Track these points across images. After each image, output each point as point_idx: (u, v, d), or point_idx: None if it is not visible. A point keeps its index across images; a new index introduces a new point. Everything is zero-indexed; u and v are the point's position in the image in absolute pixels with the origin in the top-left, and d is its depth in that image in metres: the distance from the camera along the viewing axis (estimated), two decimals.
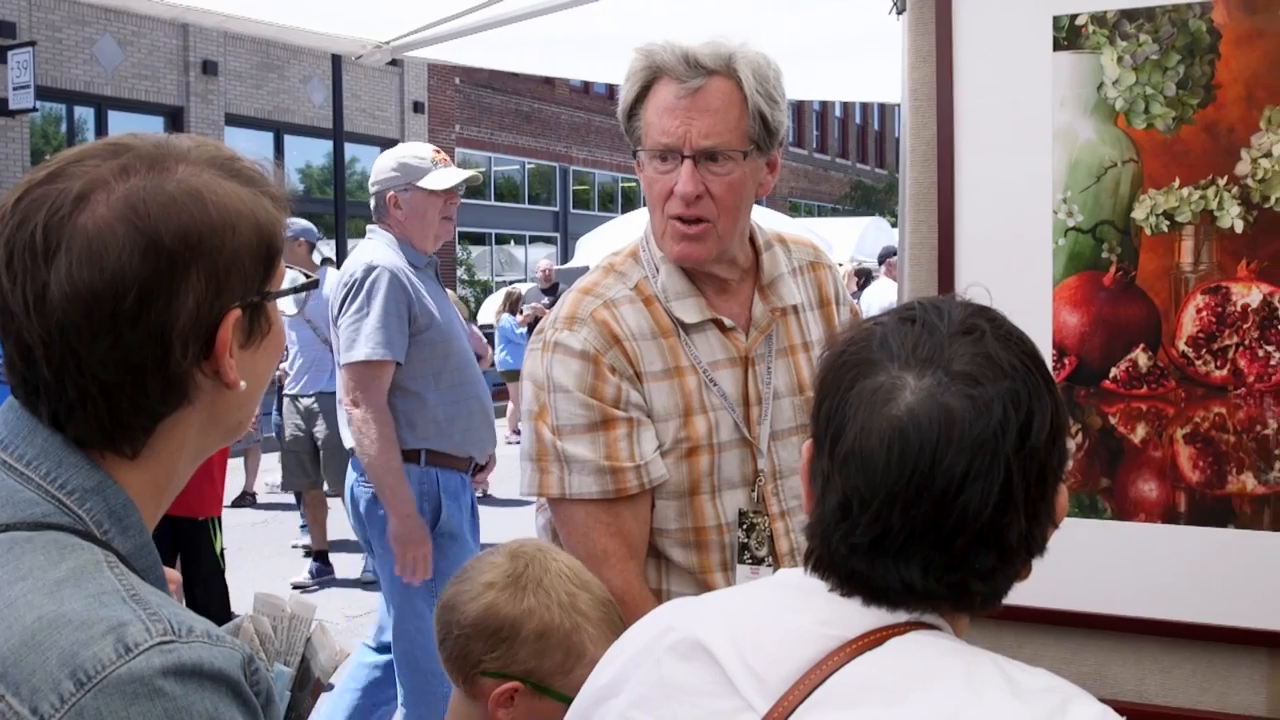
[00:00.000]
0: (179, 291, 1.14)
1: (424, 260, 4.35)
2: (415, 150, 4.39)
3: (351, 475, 4.30)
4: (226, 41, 19.43)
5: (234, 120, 20.07)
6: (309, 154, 22.31)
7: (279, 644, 1.71)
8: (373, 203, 4.41)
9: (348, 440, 4.21)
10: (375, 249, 4.27)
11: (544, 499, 2.24)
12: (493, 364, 13.69)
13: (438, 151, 4.41)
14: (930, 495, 1.16)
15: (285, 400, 8.16)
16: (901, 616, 1.21)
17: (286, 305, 4.29)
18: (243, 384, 1.22)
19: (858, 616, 1.21)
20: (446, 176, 4.31)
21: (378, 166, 4.40)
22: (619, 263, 2.28)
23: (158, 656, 1.02)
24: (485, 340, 10.35)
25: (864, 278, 13.85)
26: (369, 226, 4.47)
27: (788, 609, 1.25)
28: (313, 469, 8.02)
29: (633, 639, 1.38)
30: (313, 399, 7.89)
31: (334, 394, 7.68)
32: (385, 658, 4.37)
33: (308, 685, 1.73)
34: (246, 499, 10.81)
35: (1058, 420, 1.21)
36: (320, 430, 7.84)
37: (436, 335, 4.19)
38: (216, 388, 1.21)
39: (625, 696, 1.31)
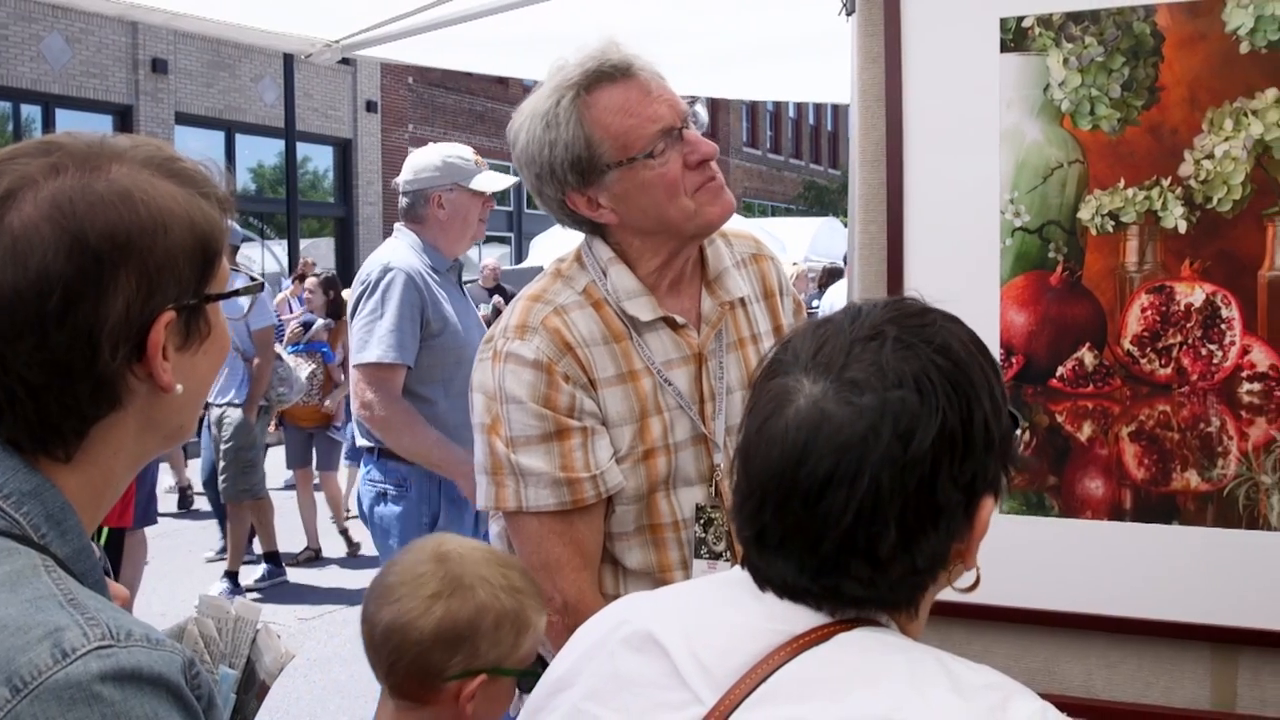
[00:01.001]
0: (107, 292, 1.13)
1: (447, 264, 4.30)
2: (458, 150, 4.33)
3: (359, 474, 4.31)
4: (177, 39, 19.23)
5: (184, 119, 19.87)
6: (260, 153, 22.14)
7: (224, 646, 1.70)
8: (406, 201, 4.33)
9: (360, 440, 4.23)
10: (396, 250, 4.24)
11: (493, 510, 2.22)
12: None
13: (476, 152, 4.38)
14: (796, 497, 1.19)
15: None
16: (848, 612, 1.22)
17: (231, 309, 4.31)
18: (179, 387, 1.20)
19: (805, 613, 1.22)
20: (495, 179, 4.28)
21: (415, 165, 4.32)
22: (565, 268, 2.26)
23: (95, 661, 1.01)
24: None
25: (833, 276, 13.87)
26: (396, 225, 4.41)
27: (737, 604, 1.26)
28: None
29: (588, 632, 1.40)
30: (222, 409, 7.84)
31: (240, 405, 7.69)
32: None
33: (253, 687, 1.72)
34: (184, 494, 10.75)
35: (965, 433, 1.19)
36: (225, 439, 7.82)
37: (450, 341, 4.14)
38: (152, 391, 1.19)
39: (579, 688, 1.32)
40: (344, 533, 9.33)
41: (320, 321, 9.53)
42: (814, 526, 1.19)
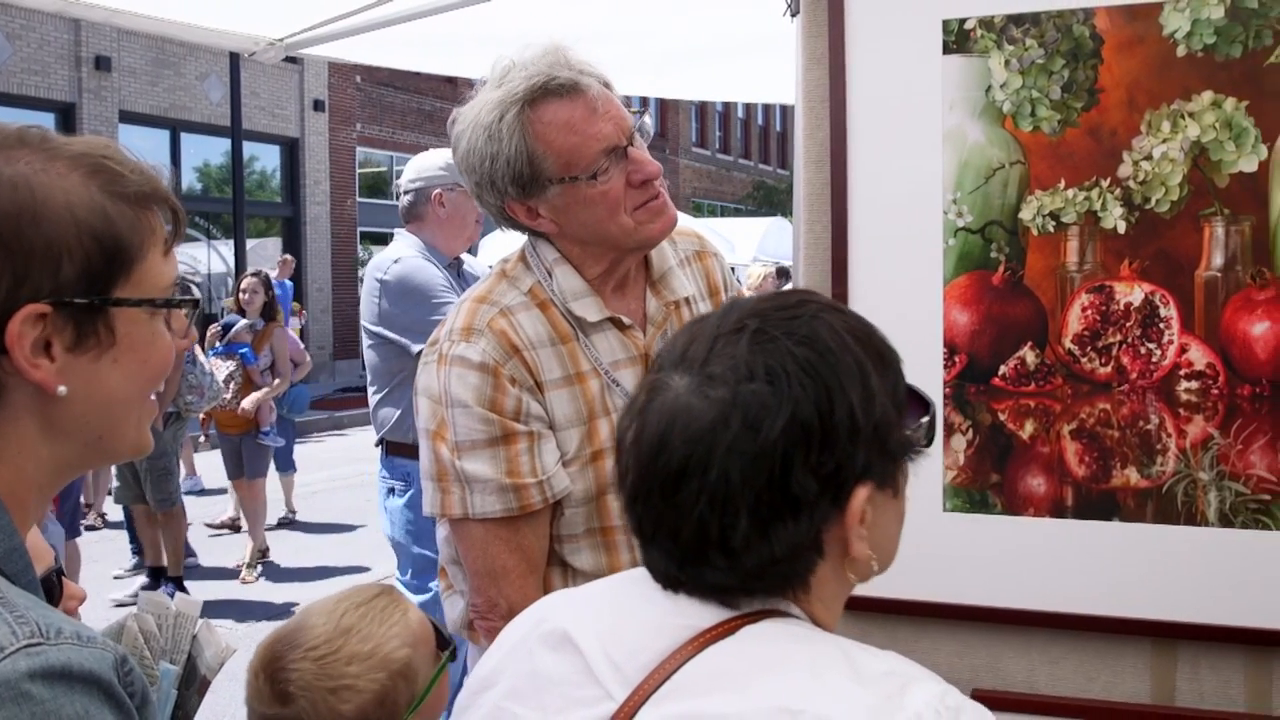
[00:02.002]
0: None
1: (446, 261, 4.38)
2: None
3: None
4: (120, 37, 18.99)
5: (128, 117, 19.63)
6: (206, 152, 21.92)
7: (164, 642, 1.68)
8: (407, 200, 4.42)
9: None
10: (398, 249, 4.36)
11: (439, 516, 2.21)
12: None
13: None
14: (656, 488, 1.23)
15: None
16: (754, 605, 1.24)
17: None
18: (61, 389, 1.17)
19: (714, 608, 1.24)
20: None
21: (419, 166, 4.41)
22: (510, 269, 2.24)
23: (24, 659, 1.00)
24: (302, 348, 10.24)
25: (783, 276, 13.92)
26: (396, 230, 4.51)
27: (648, 600, 1.28)
28: (135, 484, 7.91)
29: (512, 630, 1.41)
30: None
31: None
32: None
33: (194, 683, 1.70)
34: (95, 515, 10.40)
35: (824, 423, 1.20)
36: None
37: None
38: (39, 392, 1.17)
39: (500, 687, 1.33)
40: (263, 552, 9.09)
41: (243, 322, 9.23)
42: (673, 517, 1.22)
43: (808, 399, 1.19)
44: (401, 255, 4.29)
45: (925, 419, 1.33)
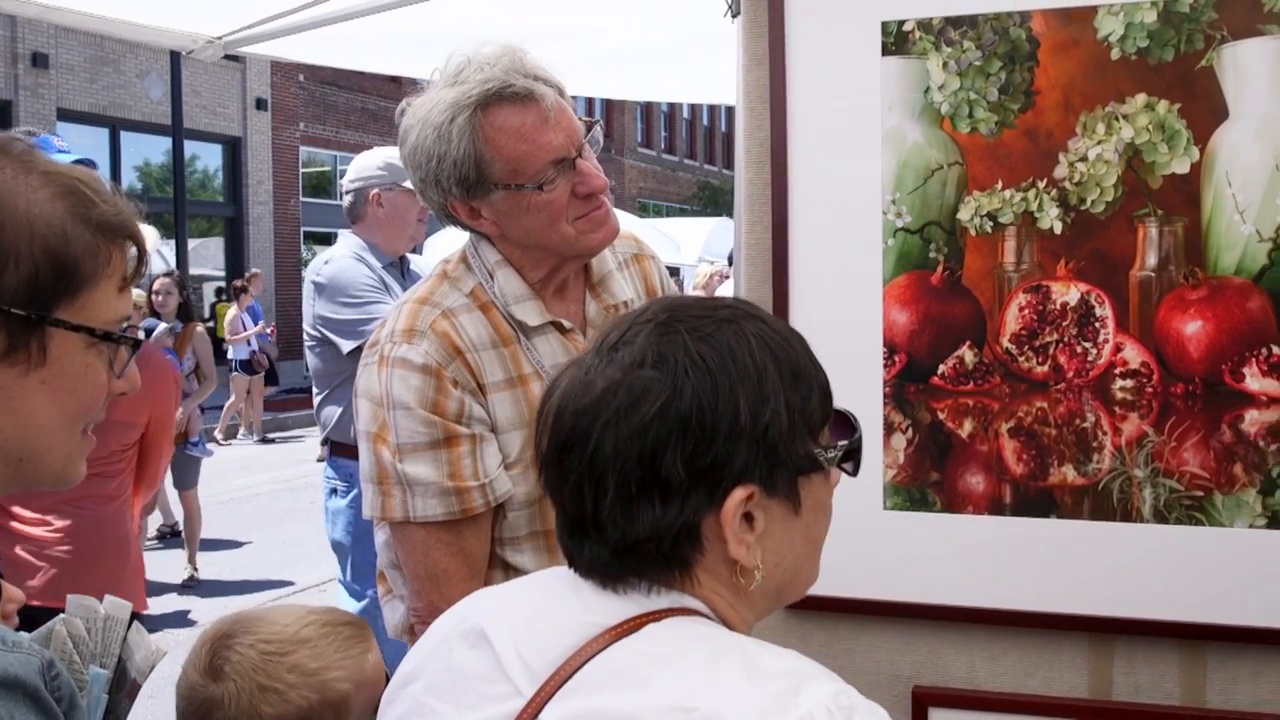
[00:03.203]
0: None
1: (388, 260, 4.37)
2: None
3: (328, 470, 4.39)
4: (58, 33, 18.73)
5: (66, 115, 19.37)
6: (147, 151, 21.67)
7: (94, 646, 1.66)
8: (348, 200, 4.43)
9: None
10: (333, 250, 4.39)
11: (379, 520, 2.19)
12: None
13: None
14: (551, 459, 1.31)
15: None
16: (657, 604, 1.27)
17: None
18: None
19: (618, 604, 1.27)
20: None
21: (359, 165, 4.43)
22: (452, 270, 2.23)
23: None
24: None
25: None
26: (340, 231, 4.55)
27: (559, 598, 1.31)
28: None
29: (436, 627, 1.44)
30: None
31: None
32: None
33: (124, 686, 1.68)
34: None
35: (704, 416, 1.23)
36: None
37: None
38: None
39: (421, 682, 1.36)
40: (192, 567, 8.81)
41: (163, 326, 8.90)
42: (560, 486, 1.30)
43: (689, 390, 1.24)
44: (333, 256, 4.31)
45: (845, 443, 1.38)
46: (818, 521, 1.38)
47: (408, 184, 4.16)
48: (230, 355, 16.55)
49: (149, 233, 4.66)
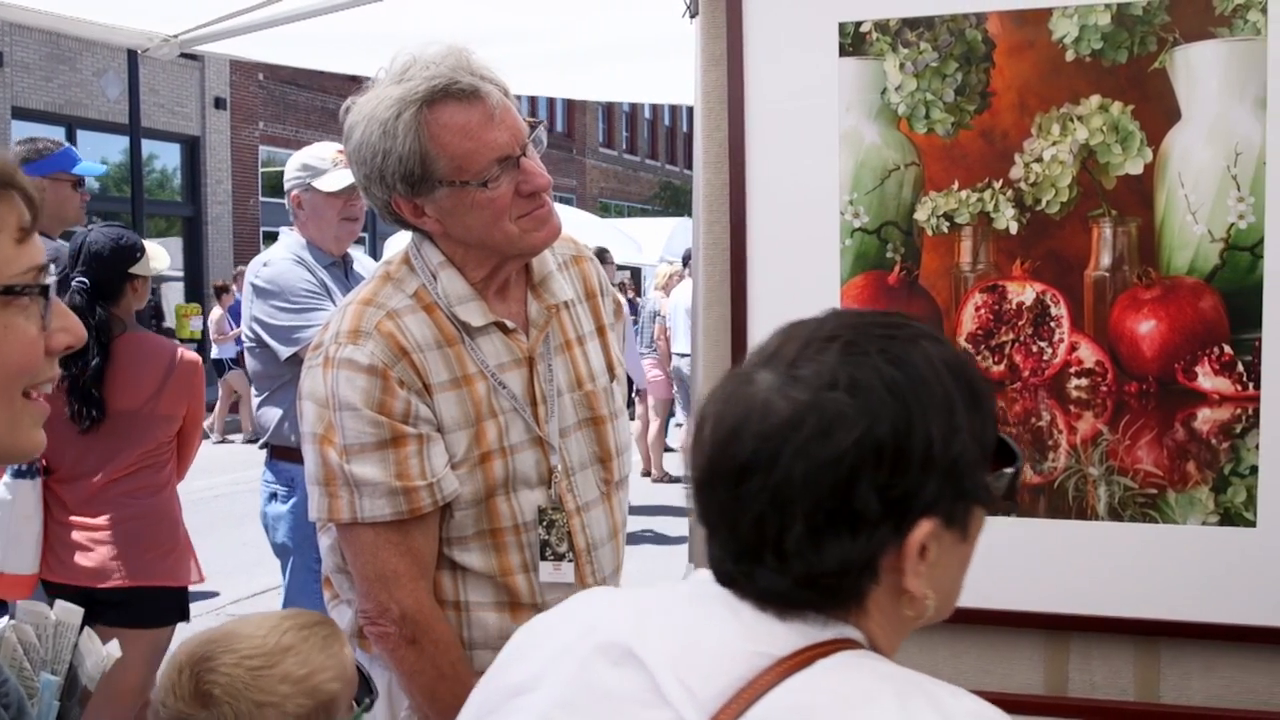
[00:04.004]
0: None
1: (327, 260, 4.30)
2: (319, 151, 4.31)
3: (267, 474, 4.31)
4: (12, 30, 18.51)
5: (22, 114, 19.13)
6: (104, 150, 21.43)
7: (45, 652, 1.64)
8: (286, 203, 4.38)
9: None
10: (274, 250, 4.30)
11: (326, 522, 2.17)
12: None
13: (341, 151, 4.29)
14: (721, 479, 1.22)
15: None
16: (823, 634, 1.21)
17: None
18: None
19: (783, 633, 1.21)
20: (334, 179, 4.21)
21: (288, 166, 4.38)
22: (395, 271, 2.22)
23: None
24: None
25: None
26: (282, 229, 4.47)
27: (715, 620, 1.25)
28: None
29: (549, 635, 1.37)
30: None
31: None
32: None
33: (75, 693, 1.66)
34: None
35: (899, 446, 1.18)
36: None
37: None
38: None
39: (546, 695, 1.28)
40: None
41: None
42: (734, 510, 1.21)
43: (886, 418, 1.18)
44: (272, 258, 4.22)
45: (1011, 471, 1.31)
46: (973, 548, 1.32)
47: (319, 185, 4.15)
48: (216, 355, 16.36)
49: (159, 254, 4.57)
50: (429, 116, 2.06)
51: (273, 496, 4.26)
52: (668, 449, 12.98)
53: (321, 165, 4.23)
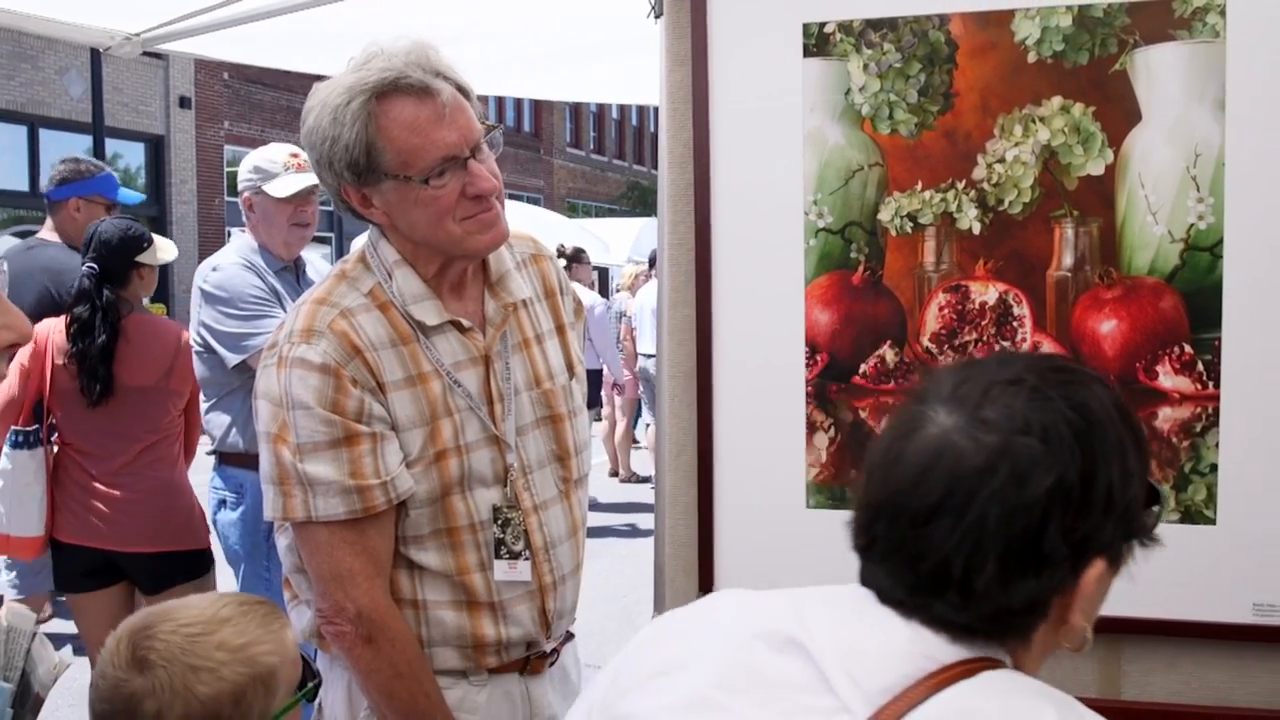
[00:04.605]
0: None
1: (277, 265, 4.24)
2: (270, 153, 4.23)
3: (216, 480, 4.27)
4: None
5: None
6: (67, 149, 21.13)
7: None
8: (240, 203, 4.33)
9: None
10: (223, 254, 4.25)
11: (281, 521, 2.16)
12: None
13: (294, 155, 4.21)
14: (907, 517, 1.26)
15: None
16: (983, 653, 1.26)
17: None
18: None
19: (948, 645, 1.26)
20: (285, 184, 4.16)
21: (241, 166, 4.31)
22: (350, 269, 2.21)
23: None
24: None
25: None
26: (234, 230, 4.41)
27: (880, 623, 1.29)
28: None
29: (692, 622, 1.41)
30: None
31: None
32: None
33: (28, 700, 1.64)
34: None
35: (1084, 491, 1.23)
36: None
37: None
38: None
39: (698, 674, 1.32)
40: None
41: None
42: (918, 547, 1.25)
43: (1075, 465, 1.23)
44: (221, 263, 4.14)
45: (1158, 510, 1.38)
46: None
47: (270, 189, 4.11)
48: None
49: (167, 246, 4.61)
50: (377, 108, 2.06)
51: (222, 503, 4.22)
52: (636, 446, 13.00)
53: (273, 169, 4.17)
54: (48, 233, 5.18)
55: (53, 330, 4.23)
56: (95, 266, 4.24)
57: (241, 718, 1.77)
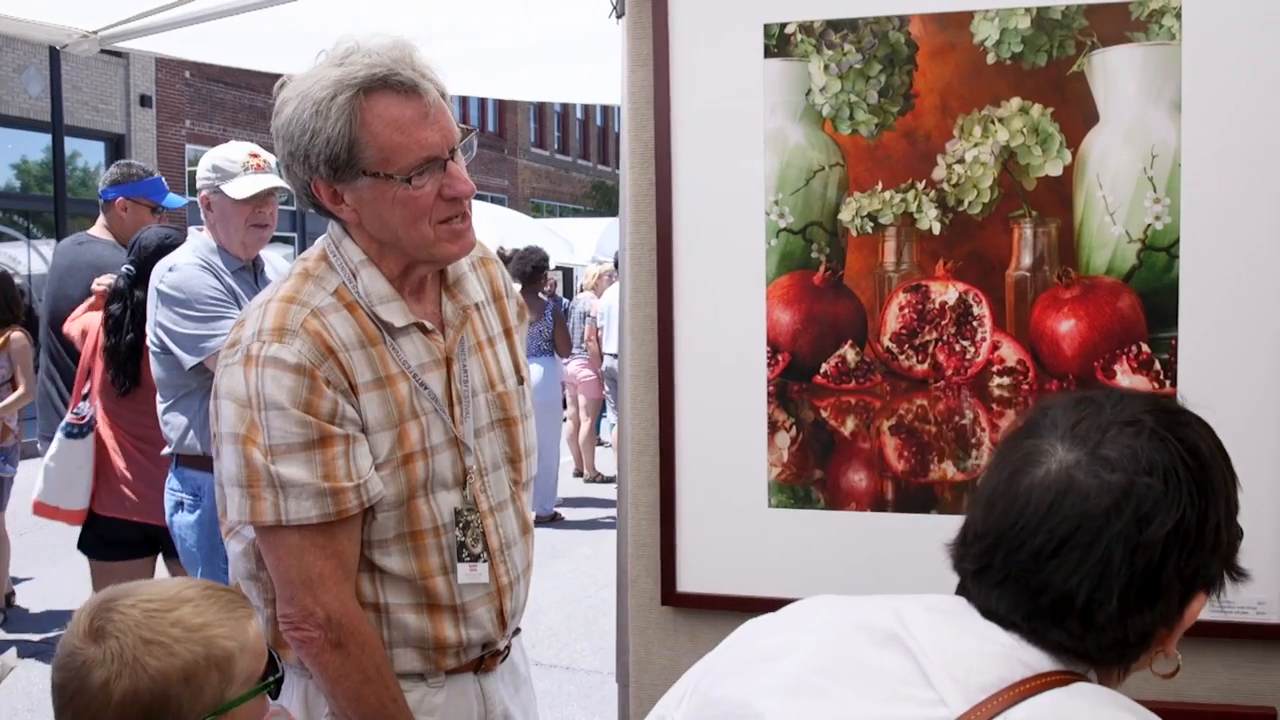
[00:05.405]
0: None
1: (235, 265, 4.20)
2: (229, 153, 4.20)
3: (173, 482, 4.24)
4: None
5: None
6: (25, 148, 21.01)
7: None
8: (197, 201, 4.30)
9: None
10: (180, 253, 4.20)
11: (247, 524, 2.12)
12: None
13: (254, 155, 4.19)
14: (1029, 549, 1.33)
15: None
16: (1076, 668, 1.34)
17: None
18: None
19: (1042, 656, 1.33)
20: (244, 185, 4.12)
21: (199, 164, 4.28)
22: (313, 268, 2.18)
23: None
24: None
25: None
26: (192, 229, 4.44)
27: (979, 629, 1.36)
28: None
29: (795, 616, 1.50)
30: None
31: None
32: None
33: None
34: None
35: (1198, 530, 1.31)
36: None
37: None
38: None
39: (800, 660, 1.39)
40: (8, 596, 7.76)
41: None
42: (1039, 578, 1.32)
43: (1193, 506, 1.31)
44: (178, 263, 4.10)
45: (1239, 540, 1.44)
46: None
47: (228, 190, 4.07)
48: None
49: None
50: (364, 104, 2.04)
51: (179, 505, 4.20)
52: (602, 445, 12.99)
53: (231, 169, 4.14)
54: (99, 230, 5.76)
55: (96, 327, 4.69)
56: (132, 269, 4.61)
57: (191, 698, 1.75)
